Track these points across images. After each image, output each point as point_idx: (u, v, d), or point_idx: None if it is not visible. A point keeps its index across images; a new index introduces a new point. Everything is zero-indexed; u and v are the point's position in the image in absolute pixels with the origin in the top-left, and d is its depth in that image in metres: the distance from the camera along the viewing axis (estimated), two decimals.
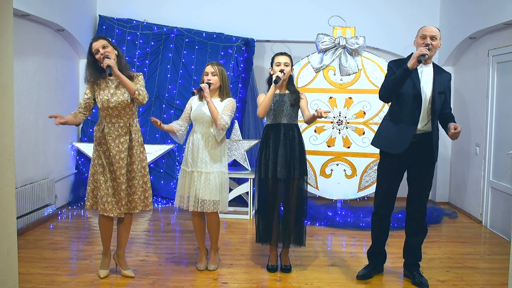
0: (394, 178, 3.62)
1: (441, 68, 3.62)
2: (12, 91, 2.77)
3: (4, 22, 2.67)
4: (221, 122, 3.65)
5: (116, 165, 3.50)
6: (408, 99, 3.49)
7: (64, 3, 5.51)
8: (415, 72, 3.45)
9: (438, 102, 3.51)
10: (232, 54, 6.15)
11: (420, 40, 3.47)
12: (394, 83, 3.43)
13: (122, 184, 3.52)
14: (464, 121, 6.02)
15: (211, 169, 3.76)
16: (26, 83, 5.01)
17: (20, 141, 4.85)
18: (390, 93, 3.50)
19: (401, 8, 6.33)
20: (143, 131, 6.20)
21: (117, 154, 3.50)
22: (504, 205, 4.99)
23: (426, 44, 3.40)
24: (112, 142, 3.50)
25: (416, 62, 3.30)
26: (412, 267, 3.71)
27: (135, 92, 3.44)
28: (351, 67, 5.49)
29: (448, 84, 3.59)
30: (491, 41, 5.34)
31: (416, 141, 3.50)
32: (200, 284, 3.63)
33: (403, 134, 3.50)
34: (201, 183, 3.74)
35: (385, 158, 3.64)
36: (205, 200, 3.73)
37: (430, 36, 3.43)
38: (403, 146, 3.48)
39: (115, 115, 3.52)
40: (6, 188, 2.73)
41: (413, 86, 3.47)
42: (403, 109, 3.52)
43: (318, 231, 5.11)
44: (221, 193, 3.79)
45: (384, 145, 3.62)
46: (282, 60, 3.76)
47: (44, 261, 4.02)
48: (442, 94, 3.54)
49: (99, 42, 3.49)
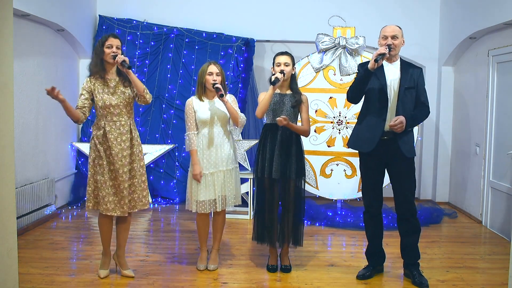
0: (375, 175, 3.67)
1: (410, 64, 3.66)
2: (12, 91, 2.77)
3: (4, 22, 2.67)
4: (242, 120, 3.76)
5: (118, 164, 3.49)
6: (375, 97, 3.56)
7: (64, 3, 5.51)
8: (380, 70, 3.53)
9: (407, 97, 3.55)
10: (232, 54, 6.15)
11: (382, 41, 3.56)
12: (356, 84, 3.56)
13: (124, 182, 3.50)
14: (464, 121, 6.03)
15: (230, 166, 3.81)
16: (26, 83, 5.01)
17: (20, 141, 4.85)
18: (355, 95, 3.63)
19: (401, 8, 6.33)
20: (143, 131, 6.21)
21: (119, 153, 3.49)
22: (504, 205, 4.99)
23: (387, 44, 3.49)
24: (114, 140, 3.49)
25: (374, 62, 3.38)
26: (412, 267, 3.71)
27: (144, 90, 3.49)
28: (351, 67, 5.48)
29: (419, 79, 3.60)
30: (491, 41, 5.34)
31: (389, 138, 3.54)
32: (200, 284, 3.63)
33: (372, 132, 3.56)
34: (227, 180, 3.79)
35: (362, 157, 3.72)
36: (229, 196, 3.81)
37: (390, 36, 3.51)
38: (372, 144, 3.54)
39: (117, 113, 3.51)
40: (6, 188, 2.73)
41: (378, 84, 3.54)
42: (371, 107, 3.60)
43: (318, 231, 5.11)
44: (236, 187, 3.87)
45: (355, 144, 3.70)
46: (282, 60, 3.76)
47: (44, 261, 4.02)
48: (412, 89, 3.56)
49: (117, 40, 3.54)
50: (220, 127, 3.79)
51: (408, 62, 3.67)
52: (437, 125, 6.48)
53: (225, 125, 3.83)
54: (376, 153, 3.56)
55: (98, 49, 3.52)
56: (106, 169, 3.49)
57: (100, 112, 3.53)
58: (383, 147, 3.54)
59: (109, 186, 3.50)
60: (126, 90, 3.55)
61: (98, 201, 3.55)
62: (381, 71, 3.54)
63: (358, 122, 3.70)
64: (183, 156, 6.12)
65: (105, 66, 3.53)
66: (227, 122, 3.83)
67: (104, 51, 3.49)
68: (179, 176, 6.14)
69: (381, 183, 3.71)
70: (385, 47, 3.45)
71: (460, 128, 6.18)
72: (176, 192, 6.19)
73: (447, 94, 6.41)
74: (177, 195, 6.18)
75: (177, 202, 6.16)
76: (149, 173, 6.16)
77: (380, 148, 3.54)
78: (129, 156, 3.54)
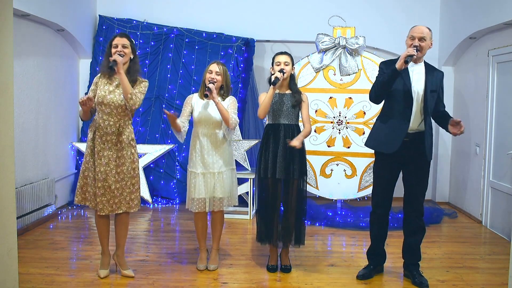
0: (390, 177, 3.64)
1: (433, 67, 3.64)
2: (12, 91, 2.77)
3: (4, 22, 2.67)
4: (233, 121, 3.70)
5: (97, 161, 3.50)
6: (399, 98, 3.52)
7: (64, 3, 5.51)
8: (405, 71, 3.49)
9: (431, 100, 3.54)
10: (232, 54, 6.15)
11: (409, 41, 3.52)
12: (383, 84, 3.50)
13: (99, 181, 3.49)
14: (464, 121, 5.95)
15: (223, 168, 3.79)
16: (26, 83, 5.01)
17: (20, 141, 4.85)
18: (380, 94, 3.57)
19: (401, 8, 6.33)
20: (143, 131, 6.20)
21: (101, 151, 3.51)
22: (504, 205, 4.99)
23: (414, 46, 3.44)
24: (99, 138, 3.52)
25: (403, 63, 3.35)
26: (412, 267, 3.71)
27: (128, 95, 3.43)
28: (351, 67, 5.49)
29: (441, 82, 3.61)
30: (491, 41, 5.34)
31: (410, 140, 3.52)
32: (200, 284, 3.63)
33: (395, 133, 3.53)
34: (215, 183, 3.77)
35: (379, 158, 3.68)
36: (221, 198, 3.78)
37: (418, 38, 3.47)
38: (396, 146, 3.50)
39: (107, 112, 3.53)
40: (6, 188, 2.73)
41: (403, 85, 3.50)
42: (395, 108, 3.56)
43: (318, 231, 5.11)
44: (231, 189, 3.84)
45: (377, 145, 3.65)
46: (282, 60, 3.76)
47: (44, 261, 4.02)
48: (435, 93, 3.56)
49: (122, 39, 3.53)
50: (214, 128, 3.79)
51: (431, 65, 3.65)
52: (437, 125, 6.46)
53: (219, 127, 3.79)
54: (395, 154, 3.52)
55: (107, 49, 3.56)
56: (93, 167, 3.53)
57: (97, 108, 3.58)
58: (403, 149, 3.50)
59: (97, 186, 3.51)
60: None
61: (85, 197, 3.59)
62: (406, 72, 3.50)
63: (379, 124, 3.65)
64: (183, 156, 6.12)
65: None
66: (221, 124, 3.79)
67: (112, 51, 3.52)
68: (179, 176, 6.14)
69: (394, 185, 3.67)
70: (413, 48, 3.39)
71: None
72: (176, 192, 6.18)
73: (447, 94, 6.33)
74: (177, 195, 6.18)
75: (177, 202, 6.16)
76: (149, 173, 6.17)
77: (400, 150, 3.50)
78: (114, 159, 3.52)
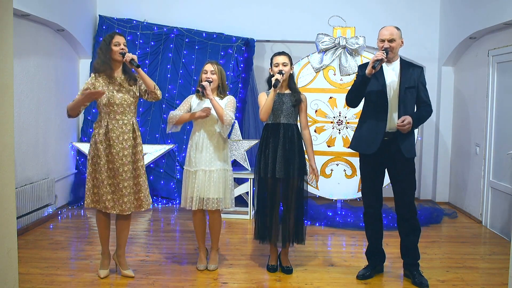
0: (375, 177, 3.67)
1: (410, 63, 3.65)
2: (12, 91, 2.77)
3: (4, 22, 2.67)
4: (227, 117, 3.68)
5: (118, 163, 3.48)
6: (374, 99, 3.56)
7: (64, 3, 5.51)
8: (379, 72, 3.52)
9: (408, 97, 3.54)
10: (232, 54, 6.15)
11: (380, 44, 3.54)
12: (355, 89, 3.58)
13: (124, 181, 3.49)
14: (464, 121, 6.03)
15: (214, 166, 3.77)
16: (26, 83, 5.01)
17: (20, 141, 4.85)
18: (352, 98, 3.64)
19: (401, 8, 6.34)
20: (143, 131, 6.21)
21: (120, 152, 3.49)
22: (504, 205, 4.99)
23: (384, 48, 3.47)
24: (116, 139, 3.49)
25: (371, 69, 3.38)
26: (412, 267, 3.71)
27: (154, 87, 3.53)
28: (351, 67, 5.48)
29: (419, 78, 3.58)
30: (491, 41, 5.34)
31: (389, 139, 3.54)
32: (200, 284, 3.63)
33: (373, 134, 3.56)
34: (205, 181, 3.75)
35: (362, 159, 3.72)
36: (209, 198, 3.75)
37: (387, 39, 3.50)
38: (375, 146, 3.53)
39: (120, 112, 3.51)
40: (6, 188, 2.73)
41: (377, 85, 3.53)
42: (371, 109, 3.60)
43: (318, 231, 5.11)
44: (224, 190, 3.80)
45: (358, 146, 3.69)
46: (280, 60, 3.76)
47: (44, 261, 4.02)
48: (413, 89, 3.55)
49: (122, 38, 3.54)
50: (209, 126, 3.79)
51: (408, 62, 3.65)
52: (437, 125, 6.48)
53: (215, 124, 3.79)
54: (376, 154, 3.55)
55: (104, 47, 3.49)
56: (104, 167, 3.49)
57: (103, 110, 3.52)
58: (384, 148, 3.54)
59: (108, 185, 3.49)
60: (131, 89, 3.55)
61: (97, 199, 3.55)
62: (380, 72, 3.54)
63: (359, 124, 3.70)
64: (183, 156, 6.12)
65: (112, 64, 3.52)
66: (216, 123, 3.79)
67: (112, 49, 3.48)
68: (179, 176, 6.14)
69: (381, 183, 3.71)
70: (382, 52, 3.43)
71: (460, 128, 6.18)
72: (176, 192, 6.18)
73: (447, 94, 6.41)
74: (177, 195, 6.18)
75: (177, 202, 6.16)
76: (149, 173, 6.16)
77: (381, 149, 3.53)
78: (131, 155, 3.54)
